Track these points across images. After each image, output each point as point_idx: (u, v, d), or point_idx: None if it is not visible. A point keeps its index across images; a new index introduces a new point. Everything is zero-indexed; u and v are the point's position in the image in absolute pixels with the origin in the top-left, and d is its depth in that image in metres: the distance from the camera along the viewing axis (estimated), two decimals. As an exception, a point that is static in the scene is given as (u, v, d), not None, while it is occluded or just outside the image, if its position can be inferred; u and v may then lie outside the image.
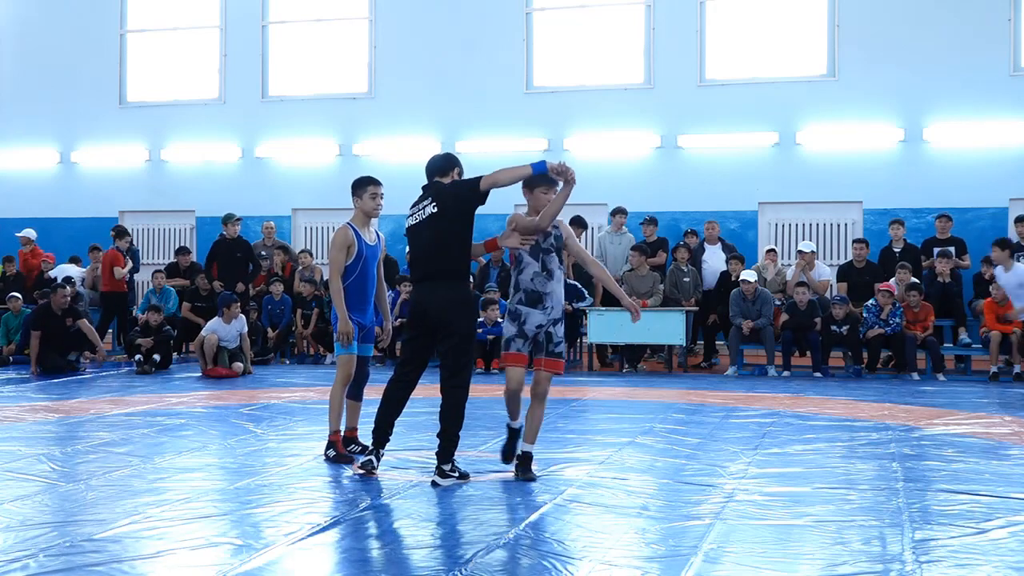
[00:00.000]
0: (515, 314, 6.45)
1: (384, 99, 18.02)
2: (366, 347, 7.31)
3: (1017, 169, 15.47)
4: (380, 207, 7.26)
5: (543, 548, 4.89)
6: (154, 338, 13.32)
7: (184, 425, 8.80)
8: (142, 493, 6.07)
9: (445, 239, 6.47)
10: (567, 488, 6.22)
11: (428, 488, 6.25)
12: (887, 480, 6.49)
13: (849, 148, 16.14)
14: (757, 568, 4.65)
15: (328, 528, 5.27)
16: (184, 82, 19.19)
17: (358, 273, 7.10)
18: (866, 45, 16.07)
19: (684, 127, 16.79)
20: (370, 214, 7.22)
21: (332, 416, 7.17)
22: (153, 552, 4.84)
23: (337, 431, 7.17)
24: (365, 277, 7.16)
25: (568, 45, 17.49)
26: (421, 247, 6.56)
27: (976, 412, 9.65)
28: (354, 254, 7.05)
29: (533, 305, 6.41)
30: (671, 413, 9.52)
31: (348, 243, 7.05)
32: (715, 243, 14.85)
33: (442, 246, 6.46)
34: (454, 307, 6.41)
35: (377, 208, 7.24)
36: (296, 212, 18.43)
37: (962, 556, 4.79)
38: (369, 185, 7.23)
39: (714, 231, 14.94)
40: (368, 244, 7.16)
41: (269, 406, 10.02)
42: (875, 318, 12.98)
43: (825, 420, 9.13)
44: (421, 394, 10.98)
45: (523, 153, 17.19)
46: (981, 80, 15.61)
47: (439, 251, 6.46)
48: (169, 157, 19.05)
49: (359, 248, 7.07)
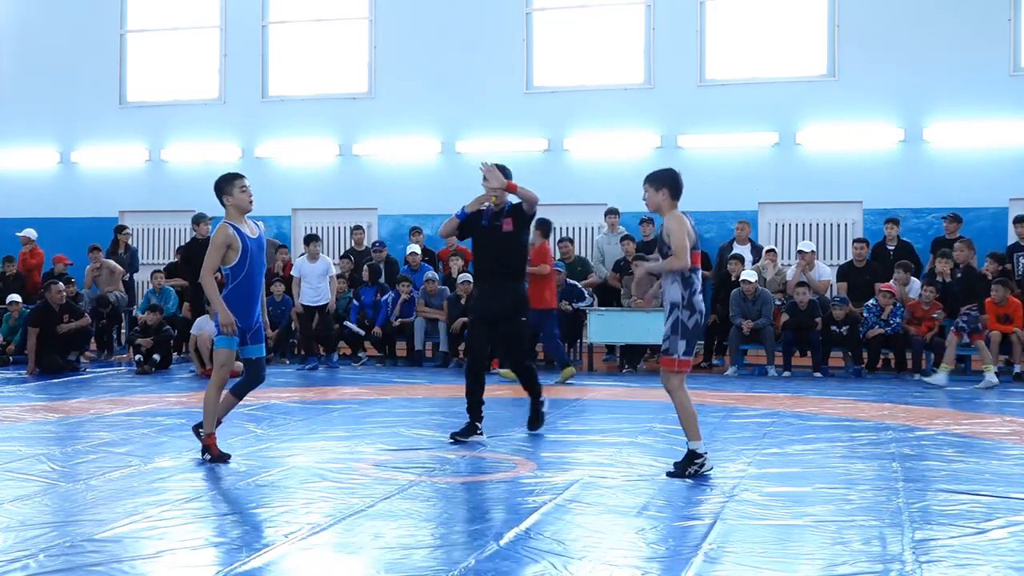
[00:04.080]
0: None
1: (384, 99, 18.02)
2: (258, 348, 7.16)
3: (1017, 169, 15.46)
4: (252, 199, 7.19)
5: (543, 548, 4.89)
6: (154, 338, 13.32)
7: (184, 425, 8.77)
8: (142, 493, 6.07)
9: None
10: (567, 488, 6.22)
11: (428, 488, 6.25)
12: (887, 480, 6.49)
13: (849, 148, 16.13)
14: (757, 568, 4.65)
15: (328, 528, 5.27)
16: (184, 82, 19.19)
17: (246, 270, 7.03)
18: (866, 45, 16.06)
19: (684, 127, 16.78)
20: (245, 208, 7.15)
21: (207, 419, 7.08)
22: (153, 552, 4.84)
23: (212, 434, 7.09)
24: (253, 272, 7.08)
25: (568, 45, 17.49)
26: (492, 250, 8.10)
27: (976, 412, 9.65)
28: (239, 250, 6.98)
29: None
30: (671, 413, 9.45)
31: (228, 242, 6.98)
32: (745, 243, 14.84)
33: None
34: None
35: (250, 201, 7.17)
36: (296, 212, 18.43)
37: (962, 556, 4.79)
38: (236, 180, 7.17)
39: (744, 231, 14.93)
40: (251, 237, 7.09)
41: (269, 406, 10.02)
42: (875, 318, 12.98)
43: (825, 420, 9.13)
44: (422, 394, 11.02)
45: (523, 153, 17.23)
46: (981, 80, 15.60)
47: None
48: (169, 157, 19.05)
49: (243, 244, 7.00)
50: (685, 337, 6.50)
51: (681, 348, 6.50)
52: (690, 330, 6.50)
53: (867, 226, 15.93)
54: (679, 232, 6.43)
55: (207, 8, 19.03)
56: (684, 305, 6.49)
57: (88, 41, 19.34)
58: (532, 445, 7.72)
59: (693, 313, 6.50)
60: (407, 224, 17.03)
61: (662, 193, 6.62)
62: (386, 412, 9.56)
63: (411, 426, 8.70)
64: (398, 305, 14.42)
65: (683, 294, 6.49)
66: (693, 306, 6.50)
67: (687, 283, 6.50)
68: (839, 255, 15.95)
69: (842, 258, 15.54)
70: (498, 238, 8.10)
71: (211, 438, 7.09)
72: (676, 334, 6.50)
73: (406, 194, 17.74)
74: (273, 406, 10.07)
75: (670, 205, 6.61)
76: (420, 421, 9.02)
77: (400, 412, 9.56)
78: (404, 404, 10.20)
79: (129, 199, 19.10)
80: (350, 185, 17.96)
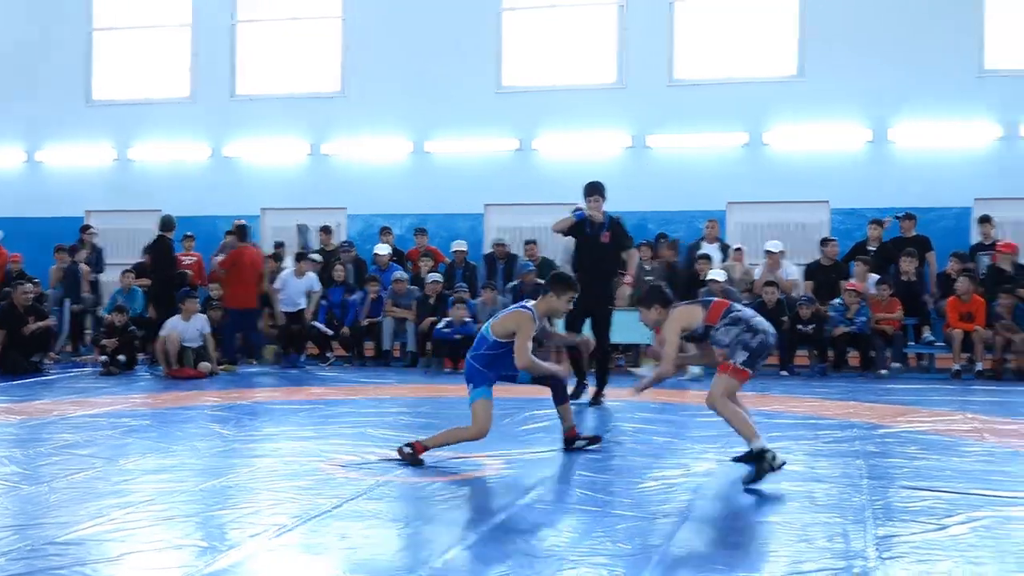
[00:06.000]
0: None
1: (355, 98, 17.98)
2: None
3: (981, 169, 15.63)
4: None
5: (509, 547, 4.90)
6: (119, 339, 13.23)
7: (149, 427, 8.75)
8: (106, 495, 6.03)
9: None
10: (534, 487, 6.23)
11: (395, 488, 6.25)
12: (851, 477, 6.54)
13: (817, 148, 16.25)
14: (723, 566, 4.68)
15: (294, 529, 5.25)
16: (153, 80, 19.07)
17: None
18: (834, 46, 16.18)
19: (654, 127, 16.85)
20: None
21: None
22: (117, 555, 4.80)
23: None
24: None
25: (539, 45, 17.51)
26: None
27: (938, 409, 9.75)
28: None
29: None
30: (638, 412, 9.55)
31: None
32: (713, 242, 14.89)
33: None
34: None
35: None
36: (265, 212, 18.35)
37: (923, 552, 4.84)
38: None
39: (713, 231, 14.99)
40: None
41: (235, 407, 9.98)
42: (841, 316, 13.08)
43: (791, 418, 9.19)
44: (390, 394, 11.00)
45: (494, 153, 17.26)
46: (947, 81, 15.75)
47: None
48: (137, 156, 18.93)
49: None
50: (747, 351, 6.32)
51: (741, 358, 6.32)
52: (754, 348, 6.32)
53: (834, 226, 16.04)
54: (670, 331, 6.40)
55: (177, 6, 18.94)
56: (737, 340, 6.32)
57: (54, 39, 19.20)
58: (499, 444, 7.72)
59: (756, 334, 6.34)
60: (377, 224, 16.99)
61: (655, 310, 6.61)
62: (354, 412, 9.54)
63: (379, 426, 8.68)
64: (366, 305, 14.39)
65: (736, 336, 6.31)
66: (754, 329, 6.34)
67: (734, 324, 6.35)
68: (806, 255, 16.04)
69: (809, 258, 15.63)
70: (598, 247, 10.32)
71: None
72: (738, 346, 6.34)
73: (376, 194, 17.71)
74: (240, 407, 10.03)
75: (666, 314, 6.57)
76: (388, 421, 9.00)
77: (368, 412, 9.54)
78: (372, 404, 10.18)
79: (96, 198, 18.96)
80: (320, 184, 17.90)
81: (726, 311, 6.40)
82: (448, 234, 16.82)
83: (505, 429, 8.39)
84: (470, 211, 17.51)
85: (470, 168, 17.42)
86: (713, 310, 6.43)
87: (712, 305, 6.49)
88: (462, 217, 17.52)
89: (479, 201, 17.54)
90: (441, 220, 17.32)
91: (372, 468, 6.87)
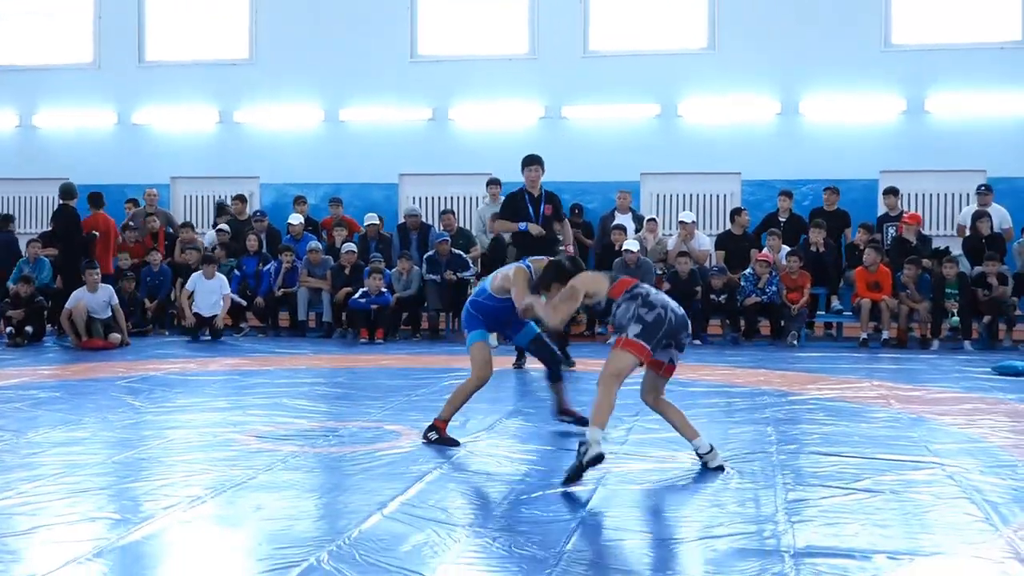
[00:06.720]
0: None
1: (265, 65, 17.68)
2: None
3: (887, 142, 15.96)
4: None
5: (427, 516, 4.92)
6: (25, 310, 12.92)
7: (59, 398, 8.58)
8: (14, 468, 5.91)
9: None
10: (451, 457, 6.26)
11: (311, 459, 6.23)
12: (762, 444, 6.69)
13: (728, 120, 16.43)
14: (637, 532, 4.77)
15: (208, 500, 5.21)
16: (56, 45, 18.52)
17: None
18: (745, 19, 16.35)
19: (568, 98, 16.88)
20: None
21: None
22: (27, 528, 4.72)
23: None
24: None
25: (453, 14, 17.40)
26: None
27: (846, 377, 10.00)
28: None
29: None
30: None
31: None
32: (626, 213, 14.98)
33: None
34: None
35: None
36: (175, 180, 18.01)
37: (831, 515, 4.98)
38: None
39: (626, 201, 15.07)
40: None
41: (148, 378, 9.83)
42: (752, 287, 13.31)
43: (704, 386, 9.35)
44: (305, 364, 10.93)
45: (408, 122, 17.14)
46: (854, 55, 16.03)
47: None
48: (41, 123, 18.40)
49: None
50: (640, 323, 5.87)
51: (634, 331, 5.86)
52: (648, 322, 5.87)
53: (745, 197, 16.27)
54: (574, 288, 6.09)
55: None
56: (634, 314, 5.89)
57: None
58: (415, 415, 7.72)
59: (653, 309, 5.90)
60: (290, 193, 16.78)
61: (554, 288, 6.23)
62: (268, 383, 9.46)
63: (294, 397, 8.63)
64: (281, 275, 14.24)
65: (634, 311, 5.90)
66: (651, 304, 5.93)
67: (632, 299, 5.95)
68: (718, 225, 16.27)
69: (721, 228, 15.85)
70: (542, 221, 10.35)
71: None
72: (632, 320, 5.89)
73: (289, 162, 17.47)
74: (152, 378, 9.88)
75: (563, 285, 6.20)
76: (303, 392, 8.95)
77: (282, 383, 9.47)
78: (287, 375, 10.10)
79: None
80: (231, 153, 17.59)
81: (632, 287, 6.12)
82: (363, 204, 16.69)
83: (424, 399, 8.40)
84: (385, 181, 17.38)
85: (384, 137, 17.28)
86: (618, 285, 6.17)
87: (619, 280, 6.28)
88: (377, 187, 17.38)
89: (394, 171, 17.42)
90: (356, 190, 17.17)
91: (287, 439, 6.83)
